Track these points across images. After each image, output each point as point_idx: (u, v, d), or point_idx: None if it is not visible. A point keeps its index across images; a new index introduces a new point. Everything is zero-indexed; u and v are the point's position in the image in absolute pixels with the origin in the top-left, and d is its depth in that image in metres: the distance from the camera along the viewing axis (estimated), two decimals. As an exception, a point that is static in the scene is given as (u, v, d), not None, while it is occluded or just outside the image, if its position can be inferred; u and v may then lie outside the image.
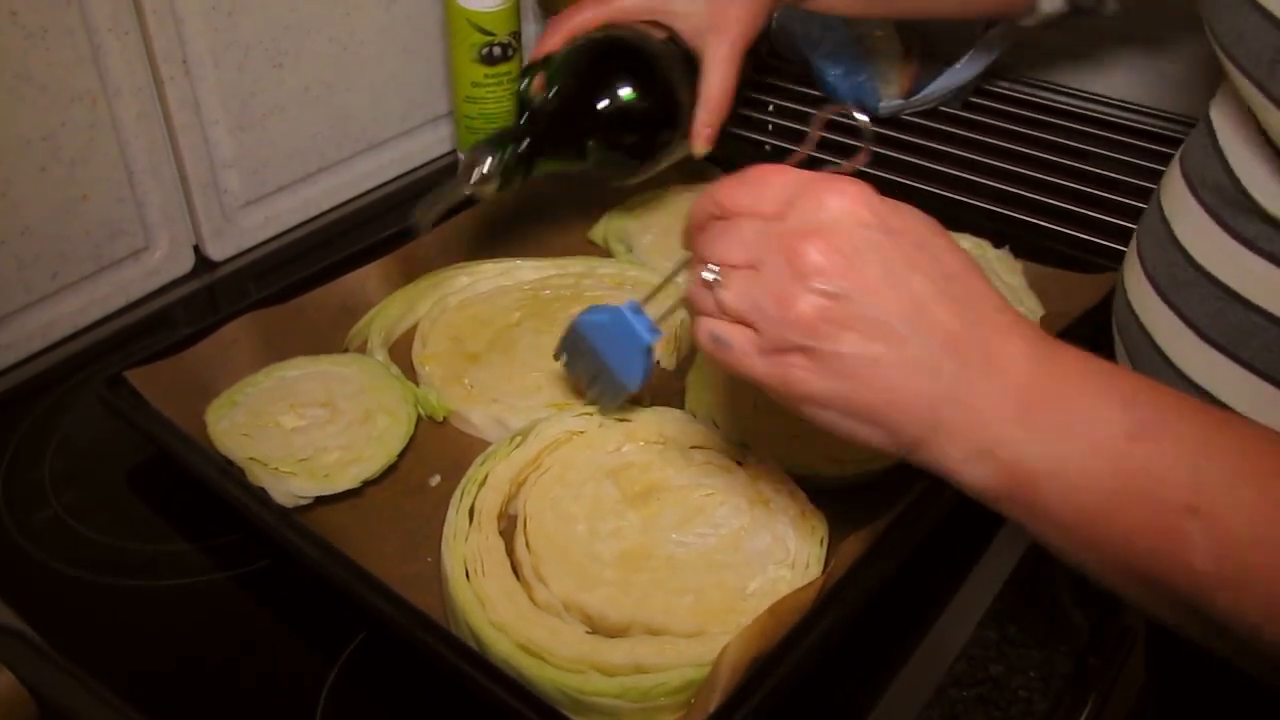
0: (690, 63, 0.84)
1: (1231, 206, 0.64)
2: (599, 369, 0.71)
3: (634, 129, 0.84)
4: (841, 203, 0.49)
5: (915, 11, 0.96)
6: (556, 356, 0.74)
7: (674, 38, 0.85)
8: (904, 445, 0.50)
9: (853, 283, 0.47)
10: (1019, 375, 0.48)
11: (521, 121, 0.80)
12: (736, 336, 0.50)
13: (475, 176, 0.77)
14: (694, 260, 0.53)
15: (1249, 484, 0.45)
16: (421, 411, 0.77)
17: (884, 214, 0.49)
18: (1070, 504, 0.47)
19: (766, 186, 0.51)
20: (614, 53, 0.83)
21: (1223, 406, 0.64)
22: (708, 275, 0.50)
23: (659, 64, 0.83)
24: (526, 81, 0.82)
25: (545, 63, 0.83)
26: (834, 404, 0.49)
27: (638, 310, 0.67)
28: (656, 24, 0.86)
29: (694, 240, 0.54)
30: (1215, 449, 0.46)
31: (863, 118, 0.60)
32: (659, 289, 0.66)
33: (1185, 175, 0.69)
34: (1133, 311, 0.72)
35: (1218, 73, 0.69)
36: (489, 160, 0.77)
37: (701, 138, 0.84)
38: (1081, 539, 0.48)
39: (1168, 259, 0.69)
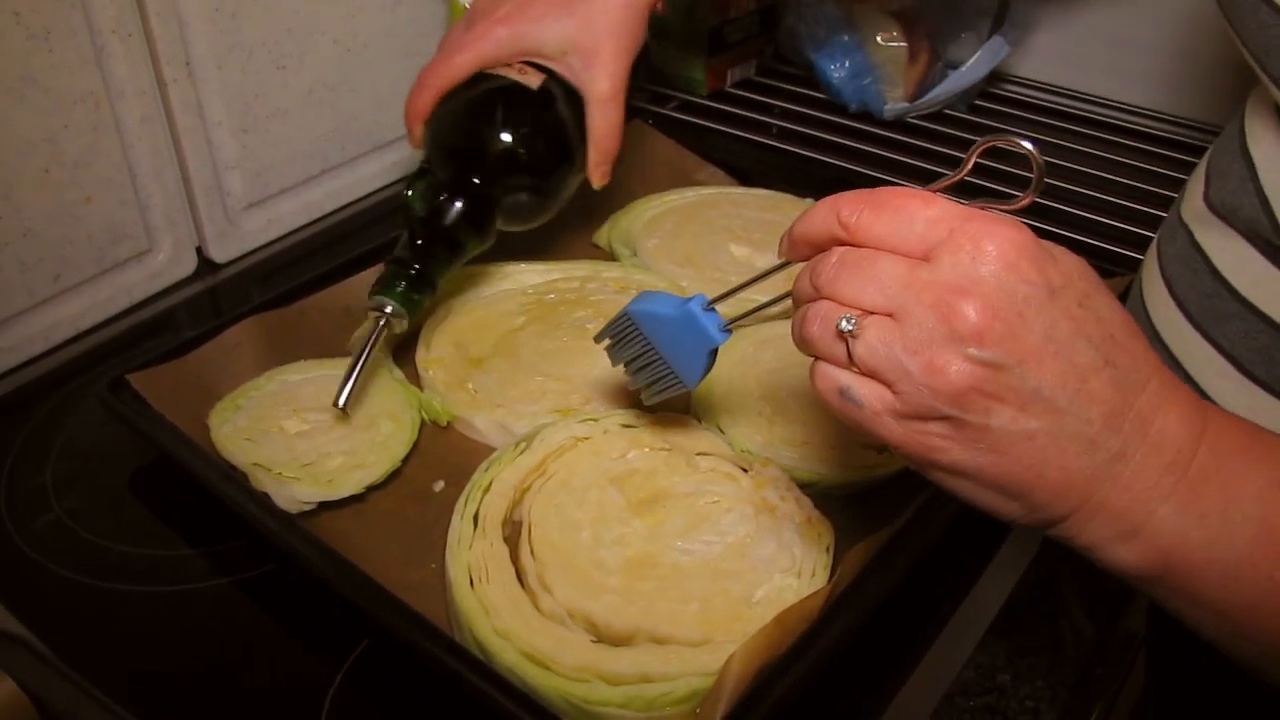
0: (573, 96, 0.83)
1: (1269, 243, 0.61)
2: (651, 361, 0.66)
3: (531, 174, 0.82)
4: (1002, 253, 0.44)
5: None
6: (598, 339, 0.69)
7: (551, 76, 0.83)
8: (1044, 521, 0.47)
9: (1012, 351, 0.43)
10: (1178, 451, 0.45)
11: (406, 243, 0.77)
12: (870, 396, 0.46)
13: (379, 327, 0.75)
14: (808, 287, 0.49)
15: None
16: (425, 416, 0.77)
17: (1046, 267, 0.45)
18: (1229, 592, 0.45)
19: (910, 220, 0.46)
20: (491, 102, 0.81)
21: None
22: (844, 324, 0.46)
23: (540, 105, 0.81)
24: (409, 186, 0.79)
25: (426, 131, 0.83)
26: (975, 476, 0.46)
27: (708, 307, 0.62)
28: (530, 64, 0.83)
29: (813, 265, 0.49)
30: None
31: (1029, 146, 0.53)
32: (736, 290, 0.62)
33: (1210, 203, 0.66)
34: (1159, 337, 0.70)
35: (1232, 87, 0.67)
36: (389, 305, 0.75)
37: (597, 174, 0.84)
38: (1239, 628, 0.45)
39: (1202, 288, 0.66)
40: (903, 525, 0.65)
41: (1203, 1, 1.09)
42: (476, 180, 0.79)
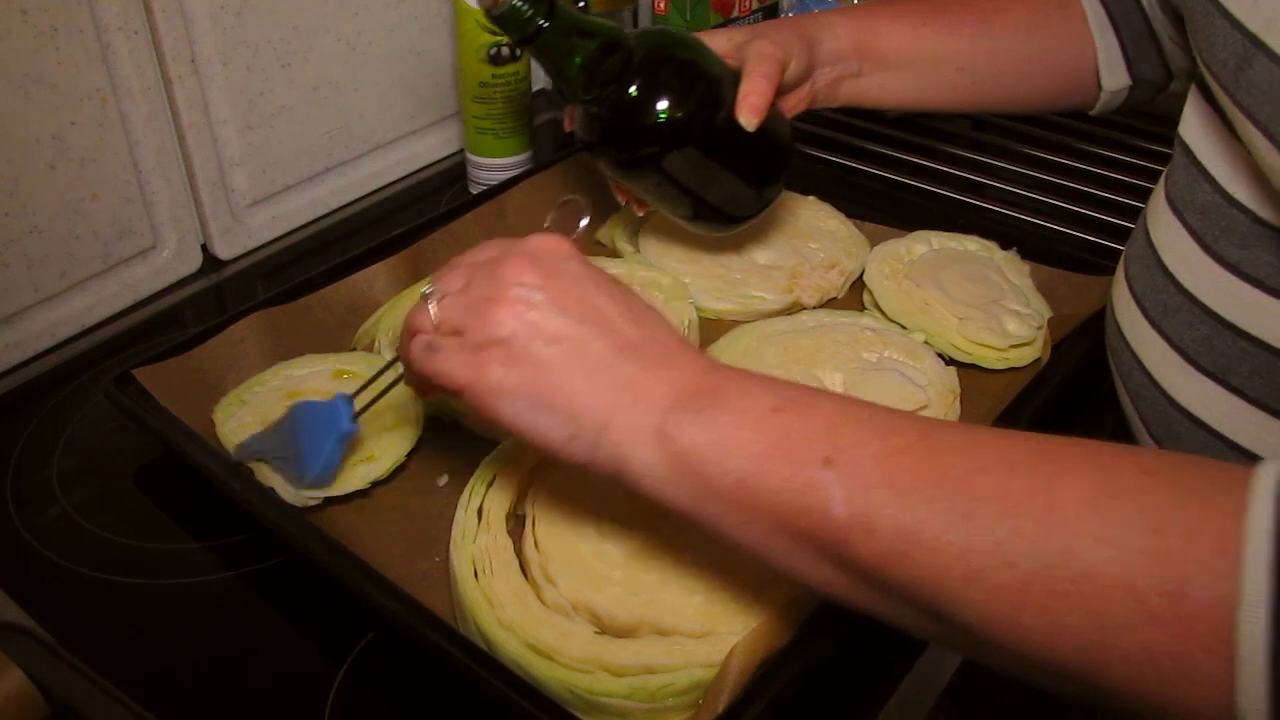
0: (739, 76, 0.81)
1: (1217, 228, 0.63)
2: (285, 452, 0.70)
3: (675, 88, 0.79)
4: (545, 240, 0.57)
5: (969, 102, 0.92)
6: (239, 451, 0.72)
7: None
8: (582, 435, 0.53)
9: (547, 291, 0.54)
10: (685, 375, 0.53)
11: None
12: (444, 342, 0.56)
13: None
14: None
15: (877, 438, 0.48)
16: (430, 411, 0.77)
17: (580, 254, 0.57)
18: (724, 470, 0.50)
19: (492, 244, 0.59)
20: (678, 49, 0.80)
21: (1215, 434, 0.65)
22: (425, 290, 0.57)
23: (710, 54, 0.80)
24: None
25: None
26: (522, 395, 0.53)
27: (347, 401, 0.67)
28: None
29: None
30: (849, 416, 0.50)
31: (576, 198, 0.65)
32: (373, 380, 0.67)
33: (1169, 200, 0.68)
34: (1122, 336, 0.72)
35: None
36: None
37: (745, 106, 0.78)
38: (739, 507, 0.50)
39: (1155, 285, 0.68)
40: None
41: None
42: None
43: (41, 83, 0.82)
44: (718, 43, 0.82)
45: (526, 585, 0.62)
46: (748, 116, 0.78)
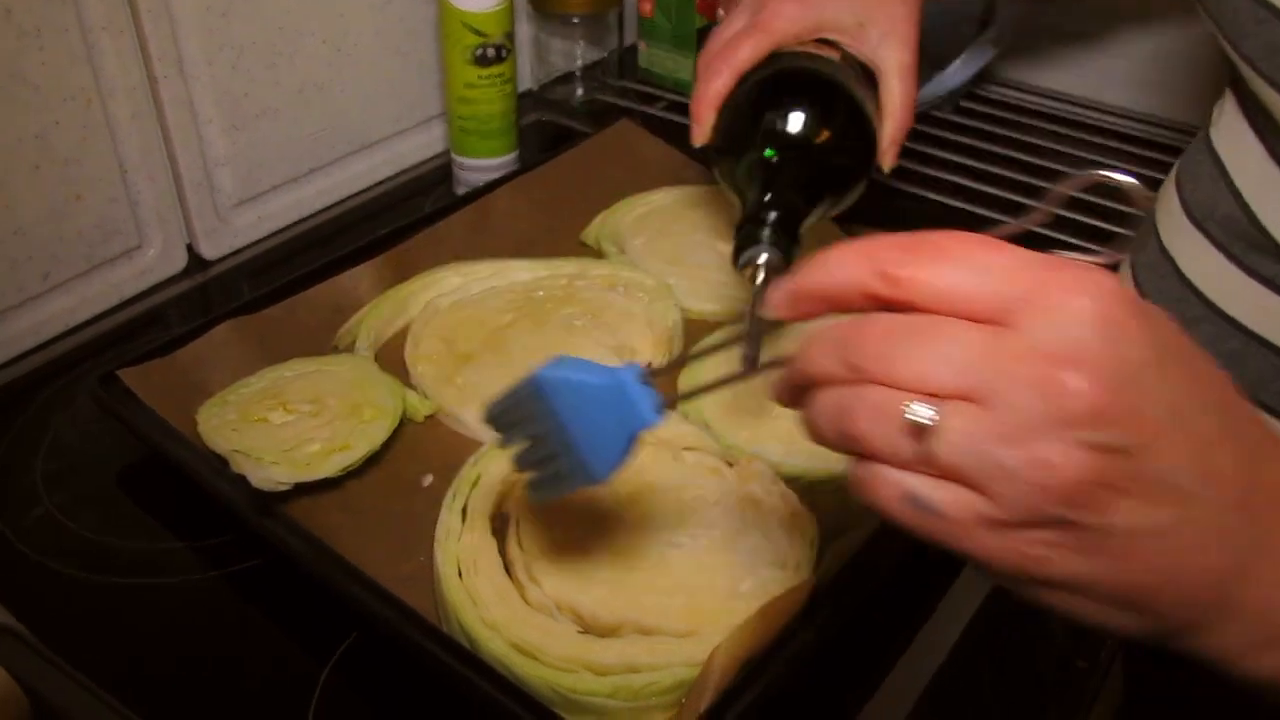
0: (870, 77, 0.77)
1: (1243, 241, 0.61)
2: (553, 444, 0.52)
3: (846, 159, 0.74)
4: (1105, 310, 0.35)
5: None
6: (489, 412, 0.55)
7: (845, 55, 0.77)
8: (1167, 633, 0.39)
9: (1137, 432, 0.34)
10: None
11: (762, 198, 0.68)
12: (953, 503, 0.36)
13: (760, 278, 0.65)
14: (832, 363, 0.38)
15: None
16: (405, 413, 0.77)
17: (1155, 324, 0.37)
18: None
19: (981, 271, 0.36)
20: (807, 86, 0.74)
21: None
22: (919, 415, 0.35)
23: (849, 89, 0.74)
24: (722, 177, 0.74)
25: (726, 112, 0.75)
26: (1088, 589, 0.37)
27: (644, 379, 0.49)
28: (822, 42, 0.77)
29: (839, 333, 0.38)
30: None
31: (1130, 180, 0.44)
32: (692, 357, 0.56)
33: (1185, 205, 0.66)
34: None
35: (1214, 88, 0.68)
36: (764, 255, 0.65)
37: (890, 154, 0.75)
38: None
39: (1173, 294, 0.66)
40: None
41: (1182, 6, 1.10)
42: (808, 145, 0.72)
43: (25, 82, 0.82)
44: (840, 19, 0.76)
45: (510, 585, 0.63)
46: (890, 164, 0.75)
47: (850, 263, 0.38)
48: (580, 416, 0.50)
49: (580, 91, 1.28)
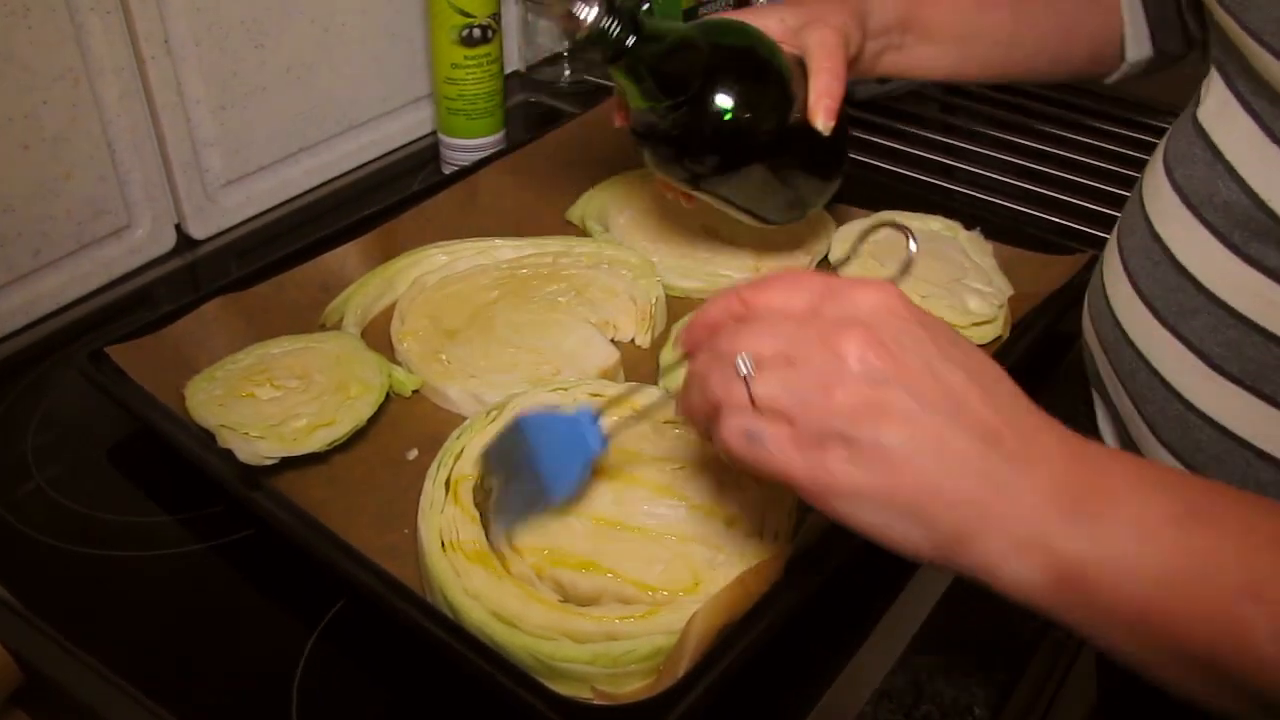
0: (802, 66, 0.79)
1: (1246, 229, 0.60)
2: (523, 472, 0.64)
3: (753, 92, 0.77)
4: (878, 298, 0.49)
5: (1004, 73, 0.91)
6: (483, 455, 0.67)
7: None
8: (941, 543, 0.47)
9: (895, 371, 0.47)
10: (1057, 466, 0.46)
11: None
12: (770, 431, 0.48)
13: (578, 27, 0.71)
14: (703, 353, 0.52)
15: None
16: (391, 388, 0.78)
17: (917, 311, 0.50)
18: (1123, 594, 0.44)
19: (796, 286, 0.51)
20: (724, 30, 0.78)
21: (1242, 443, 0.62)
22: (741, 367, 0.49)
23: (762, 35, 0.78)
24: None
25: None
26: (872, 496, 0.47)
27: (593, 419, 0.62)
28: None
29: (709, 338, 0.52)
30: (1259, 534, 0.44)
31: (908, 226, 0.58)
32: (616, 400, 0.66)
33: (1179, 190, 0.65)
34: (1125, 335, 0.69)
35: (1198, 77, 0.67)
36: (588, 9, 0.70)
37: (820, 109, 0.76)
38: (1137, 633, 0.45)
39: (1168, 283, 0.65)
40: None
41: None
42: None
43: (13, 62, 0.82)
44: (770, 25, 0.79)
45: (492, 555, 0.64)
46: (824, 121, 0.76)
47: (722, 299, 0.53)
48: (546, 447, 0.63)
49: (568, 72, 1.29)
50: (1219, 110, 0.64)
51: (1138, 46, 0.88)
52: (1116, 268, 0.72)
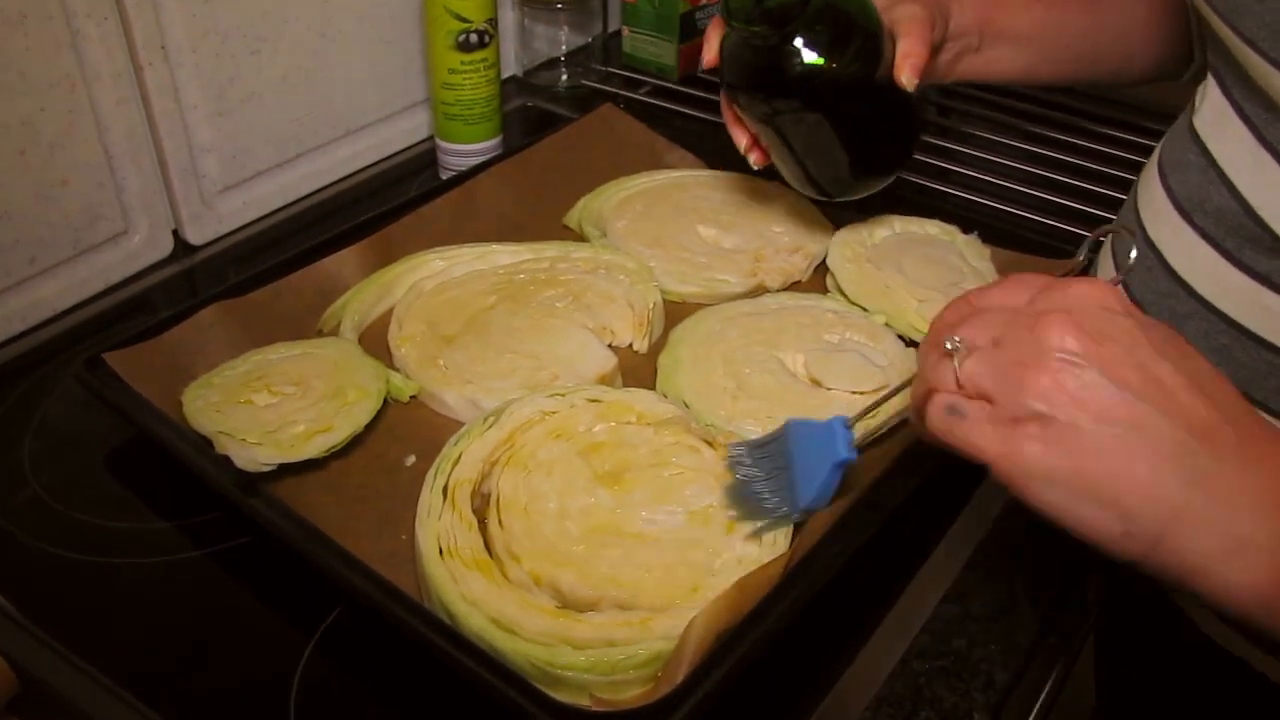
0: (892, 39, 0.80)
1: (1237, 236, 0.61)
2: (780, 472, 0.65)
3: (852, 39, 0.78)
4: (1089, 291, 0.49)
5: (1075, 74, 0.92)
6: (734, 450, 0.68)
7: None
8: (1140, 536, 0.46)
9: (1095, 356, 0.46)
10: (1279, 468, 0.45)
11: None
12: (972, 407, 0.49)
13: None
14: (931, 344, 0.53)
15: None
16: (390, 394, 0.78)
17: (1131, 307, 0.49)
18: None
19: (1018, 286, 0.52)
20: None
21: None
22: (949, 345, 0.50)
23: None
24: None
25: None
26: (1066, 481, 0.46)
27: (846, 426, 0.62)
28: None
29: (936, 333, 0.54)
30: None
31: (1129, 235, 0.59)
32: (875, 406, 0.65)
33: (1172, 196, 0.66)
34: None
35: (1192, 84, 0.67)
36: None
37: (906, 65, 0.77)
38: None
39: (1161, 288, 0.66)
40: (861, 495, 0.67)
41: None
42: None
43: (10, 69, 0.82)
44: None
45: (490, 561, 0.64)
46: (909, 76, 0.76)
47: (954, 301, 0.54)
48: (800, 452, 0.64)
49: (564, 77, 1.29)
50: (1214, 117, 0.64)
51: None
52: (1111, 273, 0.72)
